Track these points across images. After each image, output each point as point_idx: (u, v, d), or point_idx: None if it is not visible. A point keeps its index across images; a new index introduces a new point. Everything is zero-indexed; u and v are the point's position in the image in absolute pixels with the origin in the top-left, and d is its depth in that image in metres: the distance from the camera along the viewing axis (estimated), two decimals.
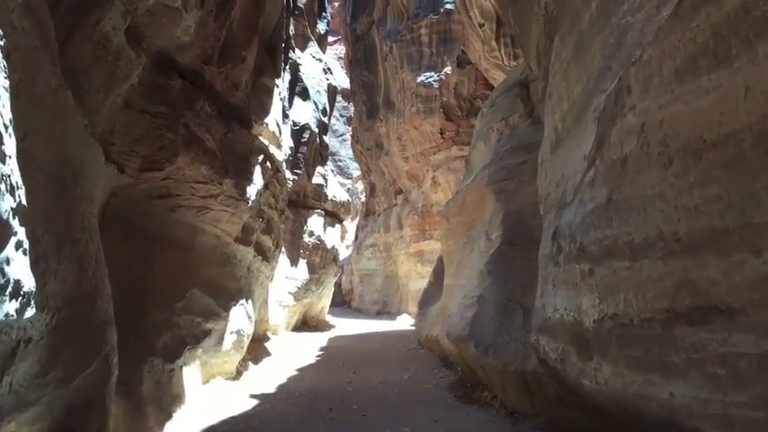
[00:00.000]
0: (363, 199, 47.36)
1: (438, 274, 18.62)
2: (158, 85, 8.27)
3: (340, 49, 56.85)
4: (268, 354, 14.82)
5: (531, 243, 9.80)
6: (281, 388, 10.33)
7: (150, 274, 8.69)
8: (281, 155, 13.40)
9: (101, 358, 5.40)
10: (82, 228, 5.52)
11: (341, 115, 64.57)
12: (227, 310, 10.47)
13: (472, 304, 9.65)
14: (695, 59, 2.53)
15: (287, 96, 17.74)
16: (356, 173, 55.64)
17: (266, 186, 12.50)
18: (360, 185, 54.48)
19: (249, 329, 11.53)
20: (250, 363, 12.57)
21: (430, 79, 31.03)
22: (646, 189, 2.90)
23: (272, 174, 12.79)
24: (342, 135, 62.65)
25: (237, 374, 11.15)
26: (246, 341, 11.41)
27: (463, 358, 10.71)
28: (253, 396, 9.49)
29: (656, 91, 2.81)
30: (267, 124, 12.45)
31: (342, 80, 60.72)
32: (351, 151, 50.86)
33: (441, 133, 31.36)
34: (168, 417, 7.36)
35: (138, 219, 8.81)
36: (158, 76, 8.28)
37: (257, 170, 11.50)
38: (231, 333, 10.45)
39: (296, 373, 12.17)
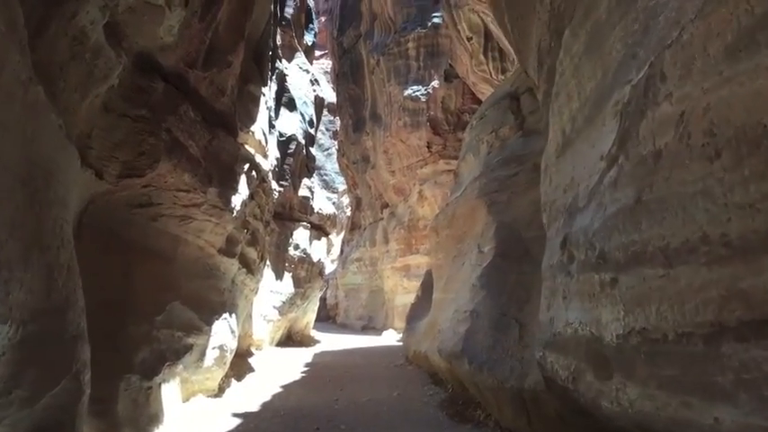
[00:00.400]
0: (349, 213, 46.93)
1: (426, 288, 18.27)
2: (140, 88, 7.89)
3: (326, 63, 56.72)
4: (252, 370, 14.35)
5: (525, 256, 9.52)
6: (265, 406, 9.89)
7: (130, 286, 8.28)
8: (267, 165, 13.04)
9: (71, 376, 4.98)
10: (53, 234, 5.12)
11: (327, 129, 64.17)
12: (210, 324, 10.05)
13: (465, 319, 9.29)
14: (752, 34, 2.22)
15: (273, 107, 17.41)
16: (342, 187, 55.20)
17: (251, 197, 12.11)
18: (345, 199, 54.07)
19: (232, 344, 11.09)
20: (233, 379, 12.10)
21: (417, 93, 30.84)
22: (686, 186, 2.57)
23: (258, 183, 12.41)
24: (327, 149, 62.25)
25: (220, 392, 10.69)
26: (229, 357, 10.97)
27: (455, 375, 10.34)
28: (235, 415, 9.03)
29: (700, 74, 2.49)
30: (253, 133, 12.09)
31: (328, 94, 60.58)
32: (337, 165, 50.50)
33: (428, 147, 31.13)
34: None
35: (118, 228, 8.41)
36: (140, 78, 7.91)
37: (242, 179, 11.12)
38: (213, 348, 10.02)
39: (281, 389, 11.72)
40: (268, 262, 19.74)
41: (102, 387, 6.56)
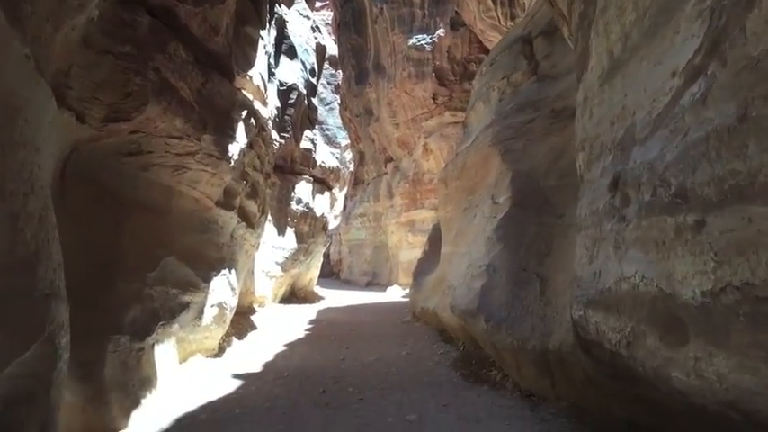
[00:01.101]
0: (352, 168, 46.18)
1: (434, 242, 17.68)
2: (123, 21, 7.11)
3: (327, 15, 55.19)
4: (254, 327, 13.85)
5: (544, 206, 8.85)
6: (267, 366, 9.36)
7: (119, 241, 7.64)
8: (266, 112, 12.27)
9: (43, 339, 4.35)
10: (19, 180, 4.43)
11: (328, 83, 62.93)
12: (208, 280, 9.45)
13: (480, 274, 8.67)
14: None
15: (272, 54, 16.54)
16: (344, 142, 54.27)
17: (250, 146, 11.39)
18: (348, 155, 53.21)
19: (232, 302, 10.52)
20: (234, 338, 11.57)
21: (422, 42, 29.83)
22: None
23: (257, 132, 11.67)
24: (329, 103, 61.12)
25: (220, 351, 10.16)
26: (229, 315, 10.40)
27: (468, 333, 9.79)
28: (236, 376, 8.49)
29: None
30: (251, 78, 11.30)
31: (329, 46, 59.24)
32: (339, 120, 49.54)
33: (433, 98, 30.25)
34: (135, 404, 6.33)
35: (106, 178, 7.73)
36: (123, 11, 7.12)
37: (240, 127, 10.39)
38: (212, 306, 9.44)
39: (284, 348, 11.20)
40: (269, 217, 19.11)
41: (87, 349, 5.99)
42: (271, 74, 15.97)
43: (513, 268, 8.18)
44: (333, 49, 55.19)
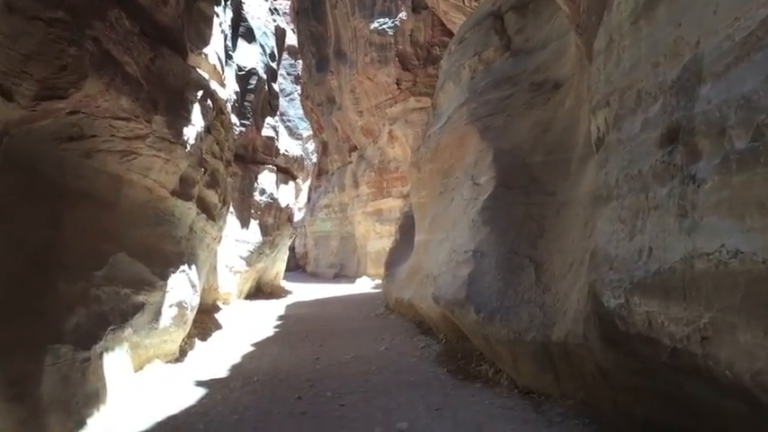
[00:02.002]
0: (315, 160, 45.14)
1: (405, 230, 16.94)
2: None
3: (284, 2, 53.89)
4: (218, 327, 12.92)
5: (532, 185, 8.13)
6: (234, 370, 8.49)
7: (60, 237, 6.72)
8: (224, 94, 11.32)
9: None
10: None
11: (288, 73, 61.57)
12: (165, 278, 8.53)
13: (466, 261, 7.92)
14: None
15: (230, 35, 15.54)
16: (306, 133, 53.13)
17: (208, 130, 10.46)
18: (311, 146, 52.14)
19: (194, 300, 9.61)
20: (197, 339, 10.65)
21: (384, 26, 28.91)
22: None
23: (215, 115, 10.75)
24: (290, 94, 59.78)
25: (181, 355, 9.25)
26: (191, 314, 9.48)
27: (451, 325, 9.07)
28: (199, 383, 7.60)
29: None
30: (206, 56, 10.36)
31: (288, 35, 57.92)
32: (300, 111, 48.40)
33: (397, 84, 29.39)
34: (80, 424, 5.40)
35: (44, 167, 6.80)
36: None
37: (196, 109, 9.47)
38: (170, 306, 8.53)
39: (252, 349, 10.32)
40: (232, 209, 18.13)
41: (19, 364, 5.09)
42: (228, 56, 14.98)
43: (502, 253, 7.45)
44: (292, 39, 54.04)
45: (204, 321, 12.79)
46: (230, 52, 15.15)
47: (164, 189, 8.83)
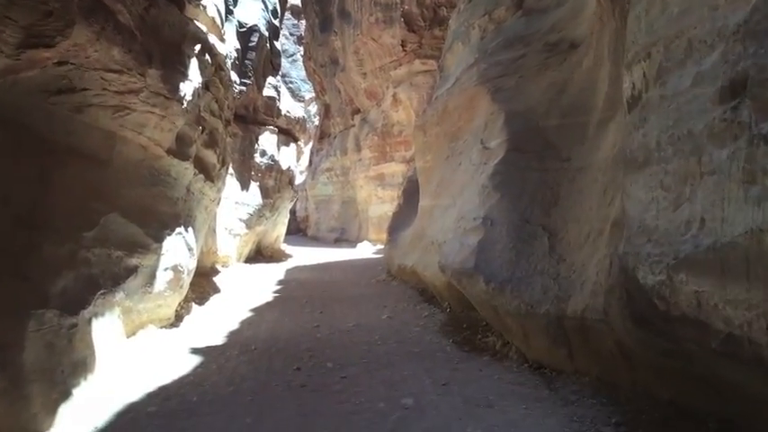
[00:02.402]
0: (318, 123, 44.47)
1: (409, 195, 16.56)
2: None
3: None
4: (217, 290, 12.61)
5: (547, 149, 7.71)
6: (231, 337, 8.18)
7: (48, 196, 6.34)
8: (223, 49, 10.82)
9: None
10: None
11: (291, 34, 60.58)
12: (160, 240, 8.16)
13: (475, 228, 7.55)
14: None
15: None
16: (308, 95, 52.34)
17: (206, 87, 10.01)
18: (313, 108, 51.41)
19: (190, 264, 9.26)
20: (193, 304, 10.34)
21: None
22: None
23: (214, 71, 10.27)
24: (292, 55, 58.81)
25: (177, 320, 8.94)
26: (187, 278, 9.14)
27: (456, 294, 8.75)
28: (195, 351, 7.29)
29: None
30: (205, 7, 9.85)
31: None
32: (303, 72, 47.56)
33: (402, 45, 28.69)
34: (65, 395, 5.07)
35: (32, 121, 6.41)
36: None
37: (193, 63, 9.00)
38: (166, 269, 8.19)
39: (250, 314, 10.02)
40: (232, 170, 17.73)
41: (1, 331, 4.74)
42: (228, 11, 14.41)
43: (514, 220, 7.07)
44: None
45: (202, 285, 12.49)
46: (230, 7, 14.57)
47: (159, 147, 8.41)
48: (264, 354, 7.11)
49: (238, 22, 16.28)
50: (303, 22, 44.01)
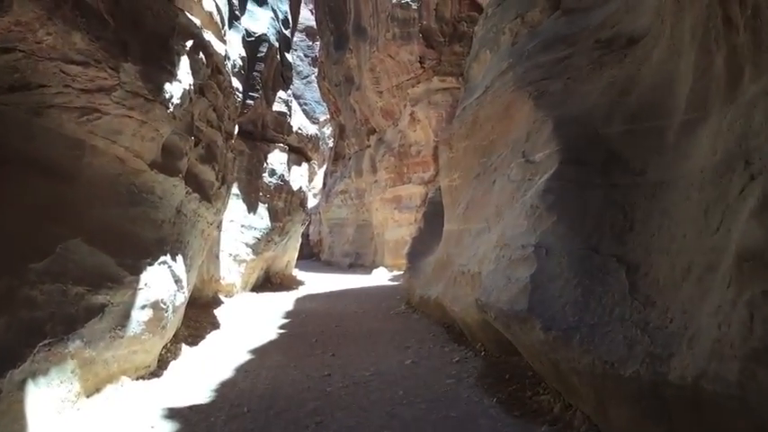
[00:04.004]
0: (332, 144, 43.26)
1: (431, 218, 15.09)
2: None
3: None
4: (216, 326, 11.10)
5: (612, 161, 6.17)
6: (222, 392, 6.64)
7: None
8: (222, 49, 9.44)
9: None
10: None
11: (305, 55, 60.17)
12: (137, 271, 6.70)
13: (524, 259, 6.02)
14: None
15: None
16: (323, 117, 51.37)
17: (201, 92, 8.64)
18: (327, 130, 50.32)
19: (177, 299, 7.77)
20: (183, 345, 8.83)
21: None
22: None
23: (210, 74, 8.90)
24: (307, 77, 58.34)
25: (160, 368, 7.45)
26: (173, 317, 7.62)
27: (492, 335, 7.24)
28: (171, 415, 5.72)
29: None
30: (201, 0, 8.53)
31: (306, 17, 56.02)
32: (317, 94, 46.69)
33: (420, 62, 27.44)
34: None
35: None
36: None
37: (184, 62, 7.64)
38: (143, 307, 6.71)
39: (249, 358, 8.50)
40: (237, 191, 16.38)
41: None
42: (234, 17, 13.15)
43: (577, 249, 5.55)
44: (310, 20, 52.06)
45: (200, 319, 11.04)
46: (236, 12, 13.30)
47: (139, 160, 7.01)
48: (259, 418, 5.55)
49: (246, 30, 15.05)
50: (318, 44, 43.13)
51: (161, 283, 7.18)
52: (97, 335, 5.87)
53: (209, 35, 8.70)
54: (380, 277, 24.86)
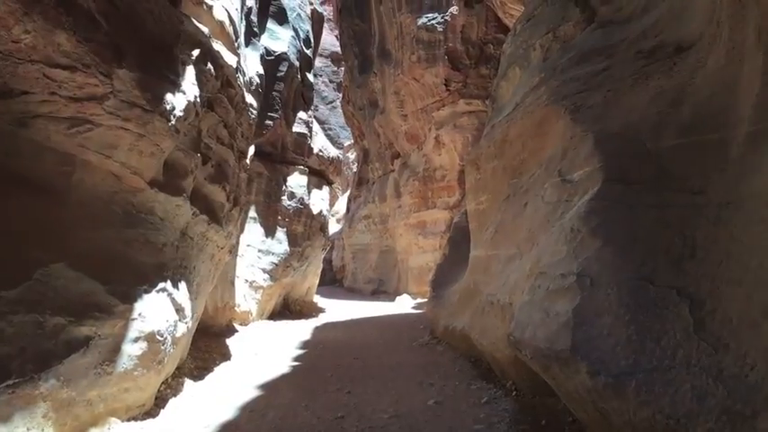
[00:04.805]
0: (356, 169, 42.77)
1: (456, 244, 14.37)
2: None
3: (328, 9, 52.10)
4: (226, 357, 10.40)
5: (664, 179, 5.37)
6: None
7: None
8: (234, 61, 8.85)
9: None
10: None
11: (330, 81, 60.27)
12: (131, 299, 6.03)
13: (565, 289, 5.25)
14: None
15: (255, 10, 13.22)
16: (348, 142, 51.05)
17: (210, 106, 8.05)
18: (351, 155, 49.95)
19: (179, 330, 7.08)
20: (186, 379, 8.11)
21: (433, 21, 26.61)
22: None
23: (220, 87, 8.31)
24: (332, 102, 58.39)
25: (157, 406, 6.75)
26: (173, 350, 6.89)
27: (524, 373, 6.47)
28: None
29: None
30: (210, 7, 7.97)
31: (331, 43, 56.11)
32: (342, 119, 46.42)
33: (445, 85, 26.94)
34: None
35: None
36: None
37: (189, 72, 7.05)
38: (137, 340, 6.02)
39: (257, 395, 7.78)
40: (255, 214, 15.80)
41: None
42: (252, 33, 12.66)
43: (627, 279, 4.77)
44: (335, 45, 52.04)
45: (210, 349, 10.36)
46: (254, 28, 12.81)
47: (137, 177, 6.40)
48: None
49: (266, 49, 14.57)
50: (343, 69, 42.94)
51: (159, 313, 6.50)
52: (79, 372, 5.20)
53: (219, 45, 8.12)
54: (404, 305, 24.07)
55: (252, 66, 11.98)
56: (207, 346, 10.54)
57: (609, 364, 4.31)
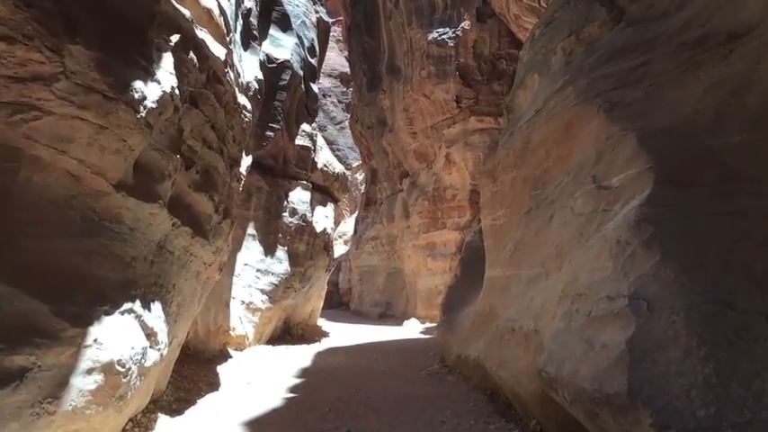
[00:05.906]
0: (363, 190, 41.92)
1: (469, 265, 13.34)
2: None
3: (337, 31, 51.74)
4: (214, 387, 9.32)
5: (731, 180, 4.25)
6: None
7: None
8: (222, 53, 7.89)
9: None
10: None
11: (339, 101, 59.82)
12: (84, 323, 5.01)
13: (614, 314, 4.20)
14: None
15: (256, 12, 12.37)
16: (356, 162, 50.35)
17: (193, 101, 7.09)
18: (360, 176, 49.17)
19: (149, 358, 6.03)
20: (161, 414, 7.06)
21: (443, 36, 25.84)
22: None
23: (206, 81, 7.36)
24: (340, 122, 57.89)
25: None
26: (136, 383, 5.82)
27: (551, 411, 5.42)
28: None
29: None
30: None
31: (340, 63, 55.69)
32: (351, 140, 45.75)
33: (456, 102, 26.09)
34: None
35: None
36: None
37: (166, 59, 6.11)
38: (90, 371, 4.99)
39: None
40: (253, 231, 14.81)
41: None
42: (251, 37, 11.79)
43: (697, 303, 3.74)
44: (344, 66, 51.53)
45: (196, 378, 9.34)
46: (254, 31, 11.94)
47: (100, 178, 5.41)
48: None
49: (267, 56, 13.70)
50: (352, 90, 42.38)
51: (122, 338, 5.49)
52: (8, 412, 4.19)
53: (205, 34, 7.18)
54: (412, 329, 23.04)
55: (250, 70, 11.10)
56: (193, 374, 9.52)
57: (683, 415, 3.27)
